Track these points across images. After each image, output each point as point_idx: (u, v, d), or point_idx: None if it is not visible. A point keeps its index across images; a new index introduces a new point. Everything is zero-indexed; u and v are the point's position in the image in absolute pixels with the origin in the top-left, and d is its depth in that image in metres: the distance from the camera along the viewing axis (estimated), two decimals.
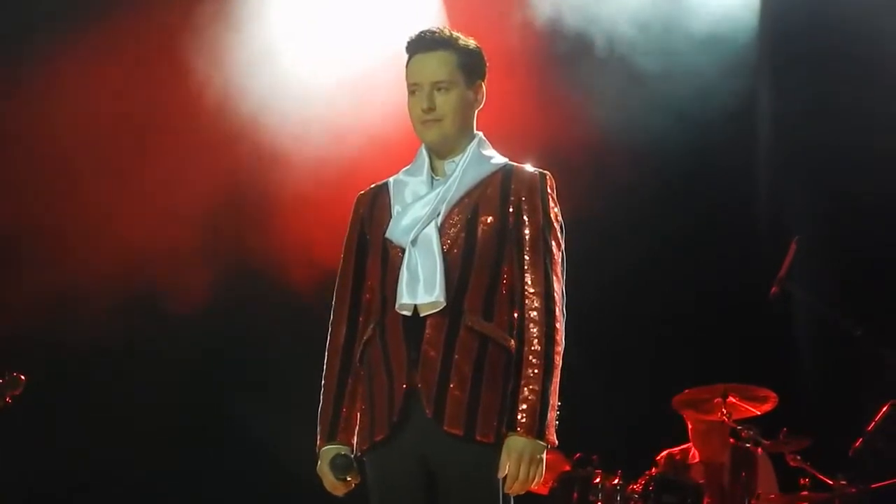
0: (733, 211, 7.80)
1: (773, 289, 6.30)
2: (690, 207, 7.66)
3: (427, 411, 3.53)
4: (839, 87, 7.25)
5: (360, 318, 3.76)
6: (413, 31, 3.80)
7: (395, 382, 3.58)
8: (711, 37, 7.14)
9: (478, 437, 3.52)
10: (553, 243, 3.69)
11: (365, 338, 3.72)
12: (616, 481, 6.39)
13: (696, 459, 7.06)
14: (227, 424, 7.50)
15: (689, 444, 7.16)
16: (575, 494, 6.37)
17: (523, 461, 3.50)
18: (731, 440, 6.88)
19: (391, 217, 3.72)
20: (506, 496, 3.56)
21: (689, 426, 7.10)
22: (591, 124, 7.06)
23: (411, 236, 3.64)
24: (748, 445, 6.74)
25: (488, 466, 3.53)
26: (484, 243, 3.65)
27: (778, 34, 7.40)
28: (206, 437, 7.53)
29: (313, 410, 3.78)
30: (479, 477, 3.53)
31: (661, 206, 7.64)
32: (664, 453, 7.02)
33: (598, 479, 6.40)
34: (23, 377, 5.43)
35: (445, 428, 3.51)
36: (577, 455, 6.49)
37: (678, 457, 7.04)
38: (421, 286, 3.58)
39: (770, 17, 7.30)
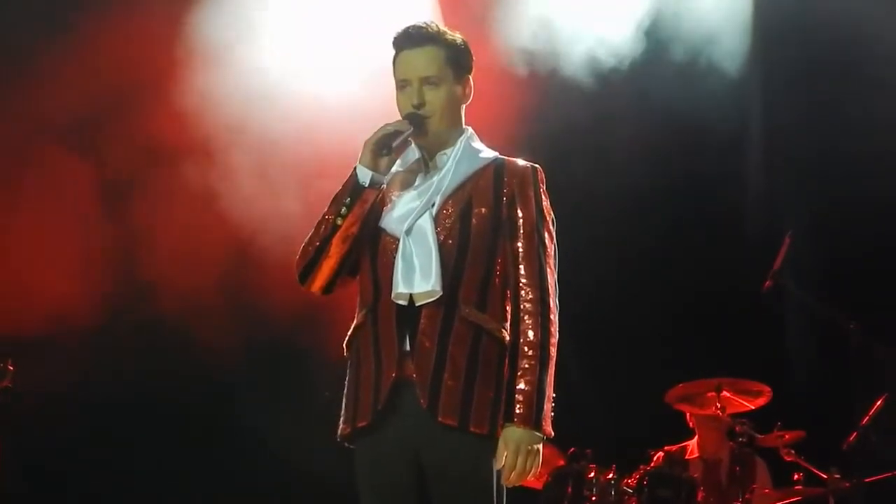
0: (728, 208, 7.82)
1: (767, 282, 6.32)
2: (687, 206, 7.69)
3: (422, 402, 3.52)
4: (831, 91, 7.28)
5: None
6: (399, 27, 3.81)
7: (384, 371, 3.58)
8: (705, 43, 7.15)
9: (472, 428, 3.51)
10: (546, 235, 3.70)
11: (355, 324, 3.73)
12: (610, 476, 6.40)
13: (694, 455, 7.08)
14: (228, 424, 7.51)
15: (686, 442, 7.19)
16: (569, 489, 6.38)
17: (521, 452, 3.50)
18: (731, 444, 6.91)
19: (385, 207, 3.72)
20: (500, 488, 3.56)
21: (689, 419, 7.15)
22: (591, 126, 7.06)
23: (405, 226, 3.64)
24: (746, 450, 6.78)
25: (482, 457, 3.53)
26: (478, 234, 3.66)
27: (770, 40, 7.42)
28: (207, 437, 7.54)
29: (311, 411, 3.77)
30: (474, 468, 3.53)
31: (657, 205, 7.66)
32: (661, 452, 7.03)
33: (592, 474, 6.42)
34: (11, 367, 5.30)
35: (440, 419, 3.51)
36: (572, 450, 6.49)
37: (675, 454, 7.06)
38: (417, 275, 3.58)
39: (762, 23, 7.31)
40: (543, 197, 3.74)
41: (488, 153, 3.80)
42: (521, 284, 3.62)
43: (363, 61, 6.43)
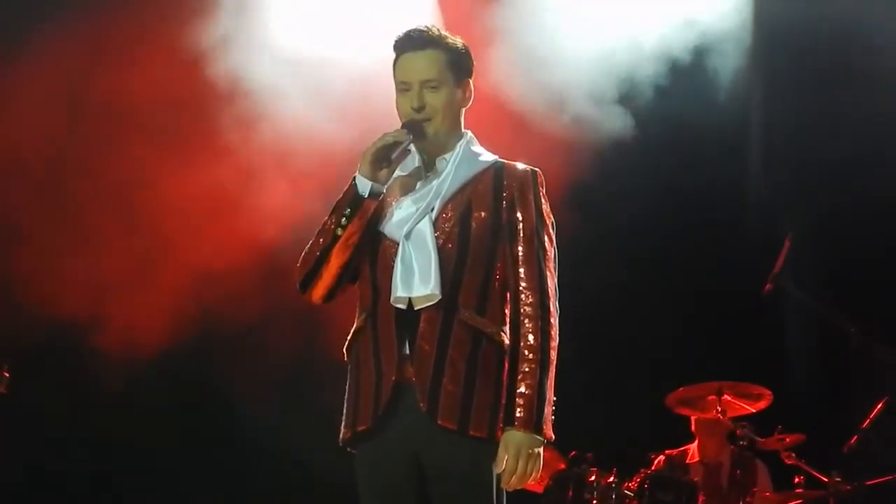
0: (728, 211, 7.83)
1: (768, 285, 6.31)
2: (687, 209, 7.69)
3: (421, 405, 3.52)
4: (831, 93, 7.28)
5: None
6: (400, 30, 3.81)
7: (384, 375, 3.59)
8: (706, 47, 7.16)
9: (471, 432, 3.52)
10: (546, 238, 3.71)
11: (354, 328, 3.73)
12: (611, 479, 6.40)
13: (695, 459, 7.08)
14: (228, 425, 7.51)
15: (687, 446, 7.19)
16: (570, 493, 6.37)
17: (521, 456, 3.50)
18: (732, 447, 6.90)
19: (384, 211, 3.73)
20: (499, 491, 3.56)
21: (692, 423, 7.15)
22: (592, 129, 7.07)
23: (405, 230, 3.64)
24: (747, 453, 6.77)
25: (482, 461, 3.54)
26: (477, 238, 3.66)
27: (770, 43, 7.42)
28: (207, 437, 7.54)
29: (311, 411, 3.76)
30: (473, 471, 3.53)
31: (658, 208, 7.66)
32: (662, 455, 7.03)
33: (593, 478, 6.40)
34: (6, 373, 5.26)
35: (439, 422, 3.51)
36: (573, 453, 6.49)
37: (676, 457, 7.06)
38: (416, 279, 3.59)
39: (762, 26, 7.32)
40: (543, 200, 3.75)
41: (488, 157, 3.80)
42: (520, 288, 3.63)
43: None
